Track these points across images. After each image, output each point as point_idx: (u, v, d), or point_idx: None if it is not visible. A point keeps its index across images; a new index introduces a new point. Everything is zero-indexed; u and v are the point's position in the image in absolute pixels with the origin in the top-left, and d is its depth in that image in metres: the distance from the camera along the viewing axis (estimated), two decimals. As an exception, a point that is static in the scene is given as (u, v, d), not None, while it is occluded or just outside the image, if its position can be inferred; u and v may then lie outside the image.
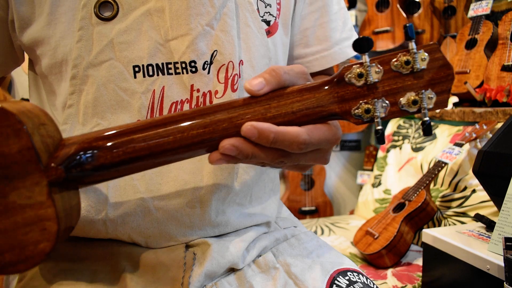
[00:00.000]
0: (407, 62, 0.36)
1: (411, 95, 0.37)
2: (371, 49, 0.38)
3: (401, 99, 0.37)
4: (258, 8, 0.55)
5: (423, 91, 0.36)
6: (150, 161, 0.36)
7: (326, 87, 0.37)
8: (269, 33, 0.56)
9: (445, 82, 0.37)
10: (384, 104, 0.37)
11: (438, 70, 0.37)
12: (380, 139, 0.38)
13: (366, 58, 0.37)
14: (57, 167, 0.33)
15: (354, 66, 0.37)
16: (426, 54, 0.37)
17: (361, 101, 0.37)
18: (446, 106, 0.38)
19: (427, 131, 0.37)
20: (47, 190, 0.33)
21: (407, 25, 0.36)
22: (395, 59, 0.37)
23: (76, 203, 0.37)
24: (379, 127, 0.37)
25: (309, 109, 0.37)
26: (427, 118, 0.37)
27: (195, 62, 0.49)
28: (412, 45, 0.36)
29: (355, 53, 0.55)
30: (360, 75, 0.37)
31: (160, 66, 0.49)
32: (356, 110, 0.37)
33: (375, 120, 0.37)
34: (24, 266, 0.33)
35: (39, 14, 0.48)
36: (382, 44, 2.04)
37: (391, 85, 0.37)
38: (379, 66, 0.37)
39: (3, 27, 0.51)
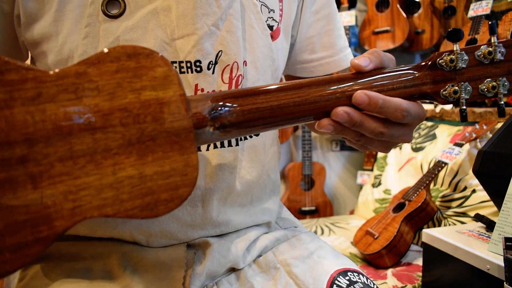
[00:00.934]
0: (489, 53, 0.42)
1: (490, 82, 0.42)
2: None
3: (480, 85, 0.43)
4: (262, 13, 0.56)
5: (500, 78, 0.42)
6: (269, 122, 0.40)
7: (421, 70, 0.43)
8: (272, 37, 0.57)
9: None
10: (468, 88, 0.42)
11: None
12: (464, 118, 0.43)
13: (457, 47, 0.42)
14: (202, 113, 0.37)
15: (445, 53, 0.42)
16: (504, 48, 0.42)
17: (449, 84, 0.42)
18: None
19: (502, 113, 0.43)
20: (193, 136, 0.36)
21: (491, 23, 0.42)
22: (478, 51, 0.42)
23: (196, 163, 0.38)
24: (464, 107, 0.43)
25: (406, 88, 0.42)
26: (502, 102, 0.43)
27: (200, 62, 0.49)
28: (494, 39, 0.42)
29: (349, 64, 0.61)
30: (451, 61, 0.42)
31: None
32: (445, 92, 0.42)
33: (461, 101, 0.42)
34: (163, 210, 0.34)
35: (46, 10, 0.48)
36: (382, 44, 2.04)
37: (474, 72, 0.42)
38: (465, 55, 0.42)
39: (9, 22, 0.51)
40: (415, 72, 0.43)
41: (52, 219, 0.32)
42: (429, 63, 0.43)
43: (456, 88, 0.42)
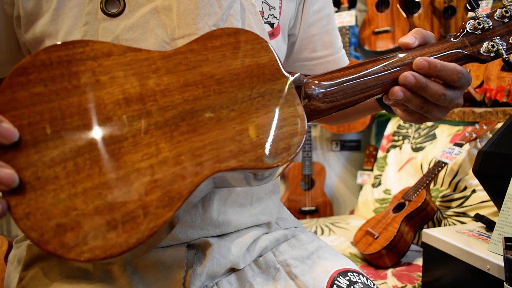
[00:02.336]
0: (506, 11, 0.50)
1: None
2: (372, 49, 0.43)
3: (510, 39, 0.49)
4: (262, 10, 0.56)
5: None
6: (355, 99, 0.46)
7: (457, 38, 0.50)
8: (272, 35, 0.57)
9: None
10: (502, 42, 0.49)
11: None
12: (509, 64, 0.49)
13: (478, 13, 0.50)
14: (292, 72, 0.42)
15: (470, 20, 0.50)
16: None
17: (484, 43, 0.49)
18: None
19: None
20: (294, 90, 0.41)
21: None
22: (496, 12, 0.50)
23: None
24: (506, 56, 0.49)
25: (451, 52, 0.48)
26: None
27: None
28: (505, 1, 0.50)
29: (348, 62, 0.70)
30: (478, 24, 0.50)
31: None
32: (484, 49, 0.49)
33: (500, 52, 0.49)
34: (283, 158, 0.37)
35: (46, 9, 0.48)
36: (382, 44, 2.04)
37: (500, 30, 0.50)
38: (487, 18, 0.50)
39: (10, 24, 0.51)
40: (454, 40, 0.50)
41: (181, 177, 0.33)
42: (461, 31, 0.50)
43: (492, 43, 0.49)
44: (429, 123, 1.59)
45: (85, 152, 0.32)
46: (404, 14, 1.98)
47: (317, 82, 0.45)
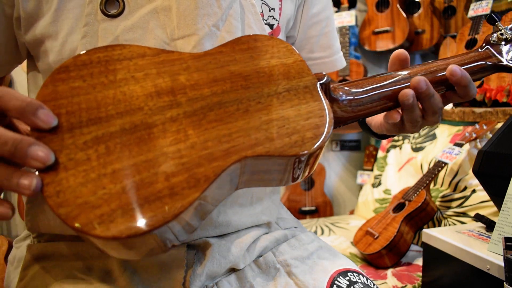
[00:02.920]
0: None
1: None
2: (372, 49, 0.44)
3: None
4: (262, 12, 0.56)
5: None
6: (380, 108, 0.48)
7: (482, 49, 0.53)
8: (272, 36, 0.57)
9: None
10: None
11: None
12: None
13: (500, 25, 0.54)
14: (316, 74, 0.44)
15: (492, 33, 0.54)
16: None
17: (508, 52, 0.52)
18: None
19: None
20: (319, 87, 0.43)
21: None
22: None
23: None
24: None
25: (478, 64, 0.52)
26: None
27: None
28: None
29: (345, 64, 0.74)
30: (501, 35, 0.53)
31: None
32: (507, 58, 0.52)
33: None
34: (309, 146, 0.38)
35: (46, 10, 0.48)
36: (382, 44, 2.04)
37: None
38: (509, 30, 0.53)
39: (10, 24, 0.51)
40: (479, 50, 0.53)
41: (208, 161, 0.35)
42: (485, 44, 0.54)
43: None
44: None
45: (117, 137, 0.34)
46: (404, 14, 1.98)
47: (346, 88, 0.47)
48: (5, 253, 1.04)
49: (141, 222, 0.30)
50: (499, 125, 1.15)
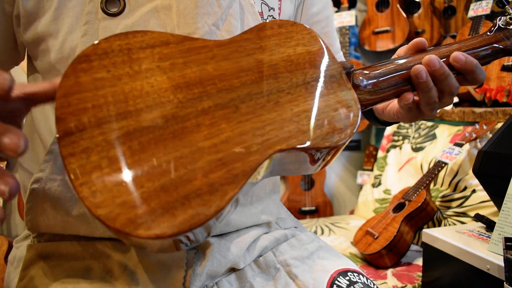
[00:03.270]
0: None
1: None
2: (372, 49, 0.45)
3: None
4: (262, 11, 0.56)
5: None
6: (397, 90, 0.48)
7: (491, 33, 0.53)
8: None
9: None
10: None
11: None
12: None
13: (509, 9, 0.53)
14: (341, 62, 0.44)
15: (501, 16, 0.54)
16: None
17: None
18: None
19: None
20: (345, 75, 0.43)
21: None
22: None
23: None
24: None
25: (488, 47, 0.52)
26: None
27: None
28: None
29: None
30: (510, 19, 0.53)
31: None
32: None
33: None
34: (340, 138, 0.39)
35: (47, 9, 0.48)
36: (382, 44, 2.04)
37: None
38: None
39: (10, 22, 0.50)
40: (488, 34, 0.53)
41: (244, 155, 0.34)
42: (494, 28, 0.53)
43: None
44: (429, 123, 1.59)
45: (150, 132, 0.33)
46: (404, 14, 1.98)
47: (366, 72, 0.47)
48: (5, 253, 1.04)
49: (183, 221, 0.30)
50: (499, 125, 1.15)
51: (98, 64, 0.35)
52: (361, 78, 0.46)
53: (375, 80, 0.47)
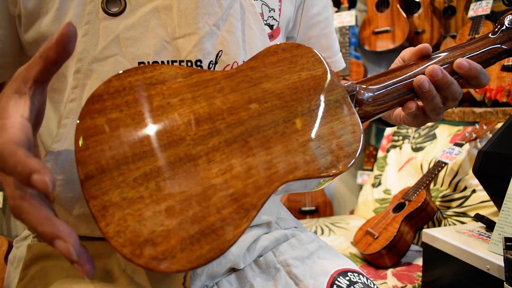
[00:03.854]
0: None
1: None
2: (372, 49, 0.46)
3: None
4: (262, 12, 0.56)
5: None
6: (400, 100, 0.49)
7: (495, 34, 0.52)
8: (271, 36, 0.58)
9: None
10: None
11: None
12: None
13: None
14: (346, 82, 0.45)
15: (507, 15, 0.52)
16: None
17: None
18: None
19: None
20: (349, 100, 0.44)
21: None
22: None
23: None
24: None
25: (491, 48, 0.51)
26: None
27: (201, 62, 0.49)
28: None
29: (344, 65, 0.73)
30: None
31: (166, 63, 0.49)
32: None
33: None
34: (343, 167, 0.40)
35: (48, 9, 0.48)
36: (382, 44, 2.04)
37: None
38: None
39: (14, 24, 0.50)
40: (492, 36, 0.52)
41: (253, 190, 0.36)
42: (499, 27, 0.52)
43: None
44: (429, 123, 1.59)
45: (164, 171, 0.35)
46: (404, 14, 1.98)
47: (365, 87, 0.48)
48: (5, 253, 1.04)
49: (200, 256, 0.32)
50: (499, 125, 1.15)
51: (111, 104, 0.36)
52: (362, 92, 0.47)
53: (378, 93, 0.48)
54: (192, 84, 0.39)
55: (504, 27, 0.52)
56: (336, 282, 0.53)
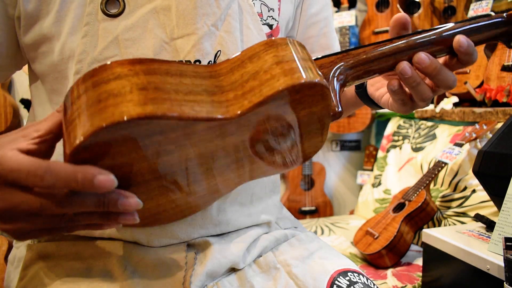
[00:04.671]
0: None
1: None
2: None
3: None
4: (261, 12, 0.56)
5: None
6: (381, 66, 0.46)
7: (504, 17, 0.52)
8: (271, 36, 0.58)
9: None
10: None
11: None
12: None
13: None
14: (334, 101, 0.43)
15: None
16: None
17: None
18: None
19: None
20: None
21: None
22: None
23: None
24: None
25: (489, 28, 0.50)
26: None
27: (199, 62, 0.49)
28: None
29: None
30: None
31: None
32: None
33: None
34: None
35: (49, 11, 0.48)
36: (382, 44, 2.04)
37: None
38: None
39: (12, 26, 0.50)
40: (497, 19, 0.52)
41: None
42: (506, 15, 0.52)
43: None
44: (429, 123, 1.59)
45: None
46: (404, 14, 1.98)
47: (343, 67, 0.45)
48: (5, 253, 1.04)
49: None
50: (499, 125, 1.15)
51: (102, 153, 0.33)
52: (341, 76, 0.44)
53: (355, 73, 0.45)
54: (191, 132, 0.38)
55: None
56: (336, 282, 0.53)
